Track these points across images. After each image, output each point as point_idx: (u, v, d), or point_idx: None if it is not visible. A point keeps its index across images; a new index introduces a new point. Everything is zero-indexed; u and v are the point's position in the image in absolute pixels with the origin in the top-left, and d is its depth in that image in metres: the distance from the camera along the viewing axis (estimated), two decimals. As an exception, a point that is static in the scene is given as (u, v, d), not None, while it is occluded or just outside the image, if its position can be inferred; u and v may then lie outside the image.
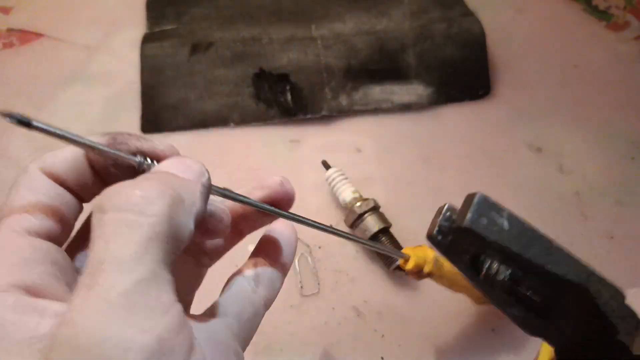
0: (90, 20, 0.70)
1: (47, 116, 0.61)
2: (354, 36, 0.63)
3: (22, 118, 0.19)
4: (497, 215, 0.23)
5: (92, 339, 0.17)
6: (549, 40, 0.70)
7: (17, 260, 0.20)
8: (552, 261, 0.24)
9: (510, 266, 0.25)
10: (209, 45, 0.62)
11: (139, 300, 0.17)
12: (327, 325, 0.48)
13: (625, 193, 0.57)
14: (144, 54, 0.62)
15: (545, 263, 0.23)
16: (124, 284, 0.17)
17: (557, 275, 0.24)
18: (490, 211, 0.23)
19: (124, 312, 0.17)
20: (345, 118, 0.62)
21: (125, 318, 0.17)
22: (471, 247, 0.24)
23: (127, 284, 0.17)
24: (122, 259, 0.18)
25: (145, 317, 0.17)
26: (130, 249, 0.18)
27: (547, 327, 0.27)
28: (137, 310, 0.17)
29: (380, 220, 0.50)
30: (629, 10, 0.72)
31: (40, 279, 0.20)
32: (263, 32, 0.63)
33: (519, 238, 0.23)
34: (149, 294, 0.18)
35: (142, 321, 0.17)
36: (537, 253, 0.23)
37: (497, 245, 0.23)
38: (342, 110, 0.62)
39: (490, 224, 0.23)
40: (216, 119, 0.61)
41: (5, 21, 0.70)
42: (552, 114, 0.63)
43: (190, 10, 0.67)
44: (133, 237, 0.18)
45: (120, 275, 0.17)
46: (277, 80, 0.61)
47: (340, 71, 0.62)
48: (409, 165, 0.58)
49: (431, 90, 0.63)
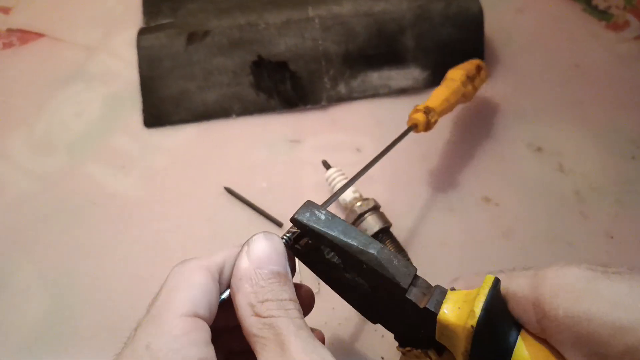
0: (90, 20, 0.70)
1: (47, 116, 0.62)
2: (352, 17, 0.63)
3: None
4: (317, 212, 0.32)
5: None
6: (549, 40, 0.70)
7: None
8: (350, 237, 0.31)
9: (338, 254, 0.32)
10: (205, 34, 0.62)
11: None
12: (327, 325, 0.48)
13: (625, 193, 0.57)
14: (140, 46, 0.62)
15: (347, 239, 0.31)
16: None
17: (354, 248, 0.31)
18: (313, 209, 0.32)
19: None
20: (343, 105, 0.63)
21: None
22: (311, 244, 0.33)
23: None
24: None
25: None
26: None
27: (379, 313, 0.34)
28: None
29: (381, 220, 0.50)
30: (629, 10, 0.72)
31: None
32: (259, 18, 0.63)
33: (329, 224, 0.32)
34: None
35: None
36: (340, 231, 0.31)
37: (316, 230, 0.31)
38: (342, 99, 0.63)
39: (311, 215, 0.32)
40: (217, 110, 0.62)
41: (5, 21, 0.70)
42: (552, 113, 0.63)
43: (186, 4, 0.67)
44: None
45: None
46: (276, 68, 0.62)
47: (339, 58, 0.62)
48: (409, 165, 0.58)
49: (427, 74, 0.64)
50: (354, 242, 0.31)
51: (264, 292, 0.28)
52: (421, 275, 0.32)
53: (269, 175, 0.58)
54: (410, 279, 0.31)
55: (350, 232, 0.32)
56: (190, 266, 0.30)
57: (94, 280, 0.50)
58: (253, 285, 0.29)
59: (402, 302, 0.31)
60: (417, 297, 0.31)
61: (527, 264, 0.52)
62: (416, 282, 0.32)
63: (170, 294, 0.28)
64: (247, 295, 0.28)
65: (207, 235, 0.54)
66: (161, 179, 0.58)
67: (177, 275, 0.29)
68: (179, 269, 0.30)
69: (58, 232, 0.54)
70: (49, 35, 0.69)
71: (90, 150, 0.59)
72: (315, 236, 0.32)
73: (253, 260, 0.29)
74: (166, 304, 0.28)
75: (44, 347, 0.47)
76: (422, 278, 0.32)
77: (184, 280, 0.29)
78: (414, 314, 0.31)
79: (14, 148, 0.59)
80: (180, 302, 0.27)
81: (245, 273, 0.29)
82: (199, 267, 0.30)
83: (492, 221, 0.55)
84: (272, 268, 0.29)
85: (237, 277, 0.29)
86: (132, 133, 0.61)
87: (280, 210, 0.54)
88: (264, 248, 0.30)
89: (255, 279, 0.29)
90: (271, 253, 0.30)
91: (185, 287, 0.28)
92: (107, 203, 0.56)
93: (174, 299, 0.28)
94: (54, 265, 0.51)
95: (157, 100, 0.61)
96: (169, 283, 0.29)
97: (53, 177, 0.57)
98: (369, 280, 0.32)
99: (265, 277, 0.29)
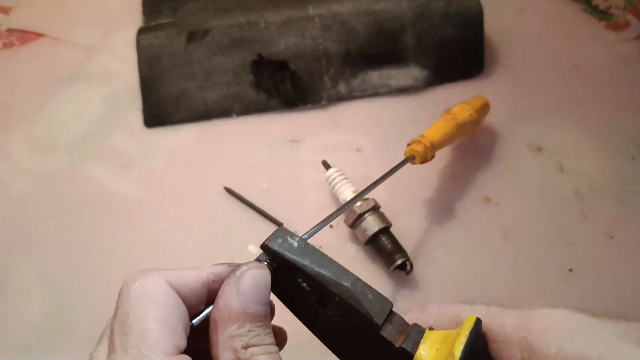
0: (90, 20, 0.70)
1: (47, 116, 0.62)
2: (352, 16, 0.63)
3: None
4: (289, 239, 0.29)
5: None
6: (549, 40, 0.70)
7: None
8: (323, 267, 0.29)
9: (309, 285, 0.30)
10: (205, 33, 0.62)
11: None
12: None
13: (625, 193, 0.57)
14: (139, 45, 0.62)
15: (319, 269, 0.29)
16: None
17: (327, 278, 0.29)
18: (285, 236, 0.29)
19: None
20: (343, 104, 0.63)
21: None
22: (287, 275, 0.30)
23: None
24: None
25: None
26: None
27: (349, 350, 0.31)
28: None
29: (381, 220, 0.50)
30: (629, 10, 0.72)
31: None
32: (259, 17, 0.63)
33: (301, 252, 0.29)
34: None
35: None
36: (312, 260, 0.29)
37: (287, 258, 0.29)
38: (342, 98, 0.63)
39: (283, 242, 0.29)
40: (218, 109, 0.62)
41: (5, 21, 0.70)
42: (552, 113, 0.63)
43: (186, 4, 0.67)
44: None
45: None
46: (277, 68, 0.62)
47: (339, 57, 0.62)
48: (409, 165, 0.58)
49: (427, 73, 0.64)
50: (327, 272, 0.29)
51: (250, 336, 0.26)
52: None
53: (269, 176, 0.58)
54: (385, 314, 0.29)
55: (324, 261, 0.29)
56: (154, 284, 0.26)
57: (94, 280, 0.50)
58: (240, 327, 0.26)
59: (375, 339, 0.29)
60: (393, 335, 0.29)
61: (527, 263, 0.52)
62: (392, 318, 0.30)
63: (143, 324, 0.24)
64: (231, 339, 0.26)
65: (207, 235, 0.53)
66: (161, 179, 0.57)
67: (142, 298, 0.25)
68: (141, 287, 0.26)
69: (58, 232, 0.54)
70: (48, 35, 0.68)
71: (90, 150, 0.59)
72: (287, 265, 0.29)
73: (243, 299, 0.26)
74: (144, 341, 0.24)
75: (44, 347, 0.47)
76: (397, 314, 0.30)
77: (153, 305, 0.25)
78: (388, 353, 0.29)
79: (14, 148, 0.59)
80: (161, 338, 0.24)
81: (235, 313, 0.26)
82: (165, 286, 0.26)
83: (492, 221, 0.55)
84: (260, 310, 0.26)
85: (225, 316, 0.26)
86: (132, 133, 0.61)
87: (280, 210, 0.54)
88: (257, 286, 0.27)
89: (244, 321, 0.26)
90: (261, 291, 0.27)
91: (159, 316, 0.25)
92: (107, 203, 0.56)
93: (151, 333, 0.24)
94: (54, 265, 0.51)
95: (157, 100, 0.61)
96: (135, 307, 0.25)
97: (53, 177, 0.57)
98: (341, 314, 0.30)
99: (253, 320, 0.26)
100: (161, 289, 0.26)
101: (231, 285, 0.27)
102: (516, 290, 0.50)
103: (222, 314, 0.26)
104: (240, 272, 0.27)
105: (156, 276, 0.26)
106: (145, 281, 0.26)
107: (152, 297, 0.25)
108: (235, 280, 0.27)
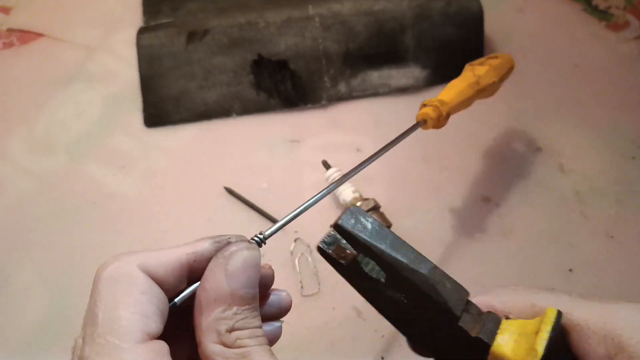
0: (90, 20, 0.70)
1: (47, 116, 0.62)
2: (352, 16, 0.63)
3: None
4: (363, 219, 0.29)
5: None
6: (549, 40, 0.70)
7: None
8: (399, 253, 0.28)
9: (383, 269, 0.29)
10: (205, 33, 0.62)
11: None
12: (328, 325, 0.48)
13: (625, 193, 0.57)
14: (139, 45, 0.62)
15: (395, 254, 0.28)
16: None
17: (403, 265, 0.28)
18: (358, 215, 0.29)
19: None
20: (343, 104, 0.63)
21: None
22: (349, 251, 0.29)
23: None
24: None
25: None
26: None
27: (419, 332, 0.31)
28: None
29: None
30: (629, 10, 0.72)
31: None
32: (259, 17, 0.63)
33: (376, 235, 0.28)
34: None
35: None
36: (388, 245, 0.28)
37: (362, 240, 0.28)
38: (342, 98, 0.63)
39: (357, 223, 0.28)
40: (218, 109, 0.62)
41: (5, 21, 0.70)
42: (552, 113, 0.63)
43: (186, 4, 0.67)
44: None
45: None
46: (277, 68, 0.62)
47: (339, 57, 0.63)
48: (409, 165, 0.58)
49: (427, 72, 0.64)
50: (404, 258, 0.28)
51: (236, 319, 0.25)
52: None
53: (269, 175, 0.58)
54: (463, 304, 0.29)
55: (400, 245, 0.29)
56: (124, 270, 0.25)
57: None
58: (226, 310, 0.24)
59: (450, 327, 0.29)
60: (469, 324, 0.29)
61: (527, 263, 0.52)
62: (469, 307, 0.29)
63: (111, 312, 0.23)
64: (217, 321, 0.24)
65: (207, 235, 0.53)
66: (161, 179, 0.58)
67: (111, 285, 0.24)
68: (111, 273, 0.25)
69: (58, 232, 0.54)
70: (49, 35, 0.68)
71: (90, 150, 0.59)
72: (360, 247, 0.28)
73: (231, 281, 0.25)
74: (112, 329, 0.23)
75: (44, 347, 0.47)
76: (473, 303, 0.30)
77: (124, 291, 0.24)
78: (461, 341, 0.29)
79: (14, 148, 0.59)
80: (130, 325, 0.23)
81: (221, 296, 0.25)
82: (136, 270, 0.25)
83: (492, 221, 0.55)
84: (248, 292, 0.25)
85: (211, 297, 0.25)
86: (132, 133, 0.61)
87: (280, 210, 0.54)
88: (246, 268, 0.25)
89: (231, 304, 0.25)
90: (251, 273, 0.25)
91: (129, 302, 0.24)
92: (107, 203, 0.56)
93: (120, 320, 0.23)
94: (54, 265, 0.51)
95: (157, 100, 0.61)
96: (103, 295, 0.24)
97: (53, 177, 0.57)
98: (416, 300, 0.29)
99: (240, 303, 0.25)
100: (132, 272, 0.25)
101: (219, 267, 0.25)
102: (516, 290, 0.50)
103: (207, 296, 0.25)
104: (230, 252, 0.26)
105: (128, 260, 0.25)
106: (116, 267, 0.25)
107: (122, 283, 0.24)
108: (223, 261, 0.25)
